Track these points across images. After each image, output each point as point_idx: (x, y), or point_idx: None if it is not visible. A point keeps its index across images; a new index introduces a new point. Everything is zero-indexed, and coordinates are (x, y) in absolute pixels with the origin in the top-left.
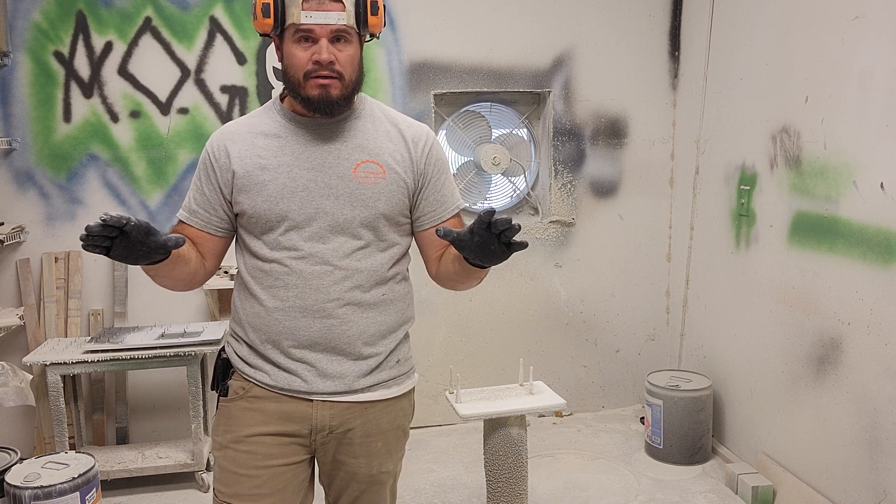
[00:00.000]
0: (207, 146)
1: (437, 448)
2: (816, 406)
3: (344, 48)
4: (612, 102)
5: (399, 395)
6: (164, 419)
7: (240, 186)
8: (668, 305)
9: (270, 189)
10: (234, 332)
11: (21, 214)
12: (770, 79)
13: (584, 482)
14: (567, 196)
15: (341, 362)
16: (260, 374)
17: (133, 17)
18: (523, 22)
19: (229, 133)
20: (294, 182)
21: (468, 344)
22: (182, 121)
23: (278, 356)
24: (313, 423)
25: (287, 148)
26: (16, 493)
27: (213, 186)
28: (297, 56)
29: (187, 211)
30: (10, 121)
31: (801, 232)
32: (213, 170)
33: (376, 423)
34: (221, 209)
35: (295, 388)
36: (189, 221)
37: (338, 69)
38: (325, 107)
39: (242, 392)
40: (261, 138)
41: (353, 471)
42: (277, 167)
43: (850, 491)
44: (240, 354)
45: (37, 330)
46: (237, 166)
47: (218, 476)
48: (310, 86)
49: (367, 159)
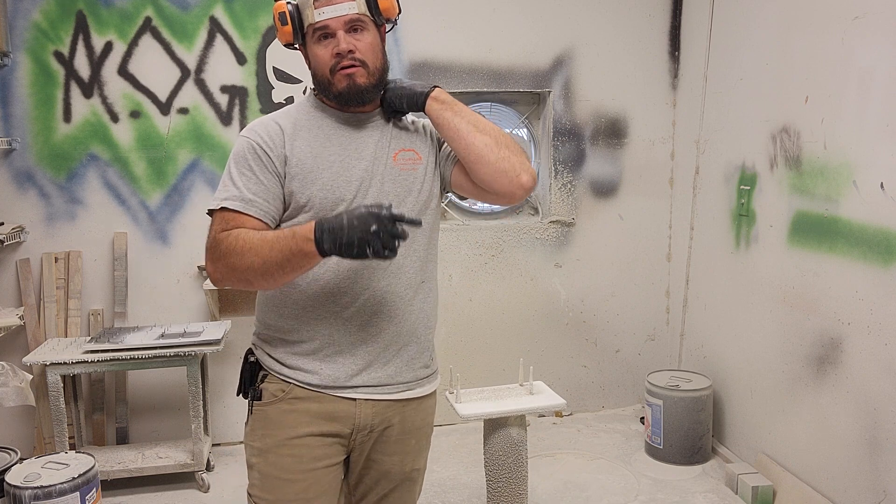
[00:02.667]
0: (250, 135)
1: (437, 448)
2: (816, 406)
3: (361, 37)
4: (612, 102)
5: (431, 393)
6: (164, 419)
7: (293, 174)
8: (668, 305)
9: (326, 177)
10: (265, 334)
11: (21, 214)
12: (770, 79)
13: (584, 482)
14: (567, 196)
15: (389, 358)
16: (301, 375)
17: (133, 17)
18: (523, 22)
19: (273, 123)
20: (348, 172)
21: (468, 344)
22: (182, 121)
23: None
24: (356, 423)
25: (333, 139)
26: (16, 493)
27: (269, 174)
28: (319, 55)
29: (241, 201)
30: (10, 121)
31: (801, 232)
32: (268, 156)
33: (412, 421)
34: (279, 199)
35: (340, 384)
36: (246, 210)
37: (359, 57)
38: (356, 95)
39: (282, 394)
40: (304, 130)
41: (386, 469)
42: (329, 157)
43: (850, 491)
44: (274, 356)
45: (37, 330)
46: (290, 152)
47: (258, 483)
48: (337, 79)
49: (404, 147)
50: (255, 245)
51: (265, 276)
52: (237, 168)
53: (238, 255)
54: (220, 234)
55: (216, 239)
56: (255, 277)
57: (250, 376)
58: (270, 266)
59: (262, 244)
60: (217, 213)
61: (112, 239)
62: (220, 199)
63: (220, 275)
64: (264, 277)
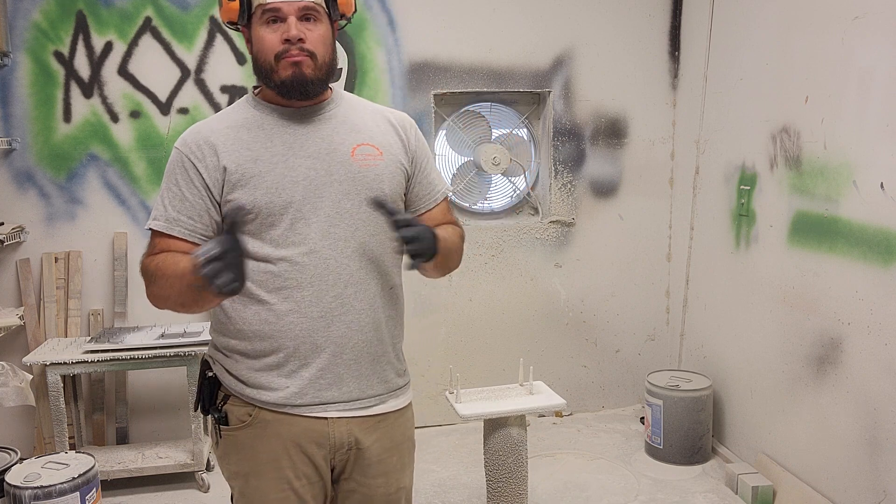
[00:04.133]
0: (182, 147)
1: (437, 448)
2: (816, 406)
3: (314, 27)
4: (612, 102)
5: (406, 405)
6: (164, 419)
7: (234, 182)
8: (668, 305)
9: (269, 180)
10: (223, 347)
11: (21, 214)
12: (770, 79)
13: (584, 482)
14: (567, 196)
15: (358, 371)
16: (265, 394)
17: (133, 17)
18: (523, 22)
19: (207, 130)
20: (294, 171)
21: (468, 344)
22: (182, 121)
23: (287, 370)
24: (332, 442)
25: (276, 138)
26: (16, 493)
27: (195, 189)
28: (266, 39)
29: (164, 220)
30: (10, 121)
31: (801, 232)
32: (196, 170)
33: (391, 437)
34: (207, 214)
35: (307, 401)
36: (170, 231)
37: (308, 47)
38: (300, 86)
39: (249, 419)
40: (244, 132)
41: (370, 493)
42: (271, 158)
43: (850, 491)
44: (234, 372)
45: (37, 330)
46: (227, 161)
47: (240, 501)
48: (282, 67)
49: (363, 142)
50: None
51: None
52: (166, 184)
53: (158, 283)
54: (146, 260)
55: (142, 265)
56: (175, 307)
57: (210, 394)
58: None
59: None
60: (151, 235)
61: (112, 239)
62: (151, 219)
63: (152, 301)
64: (183, 307)
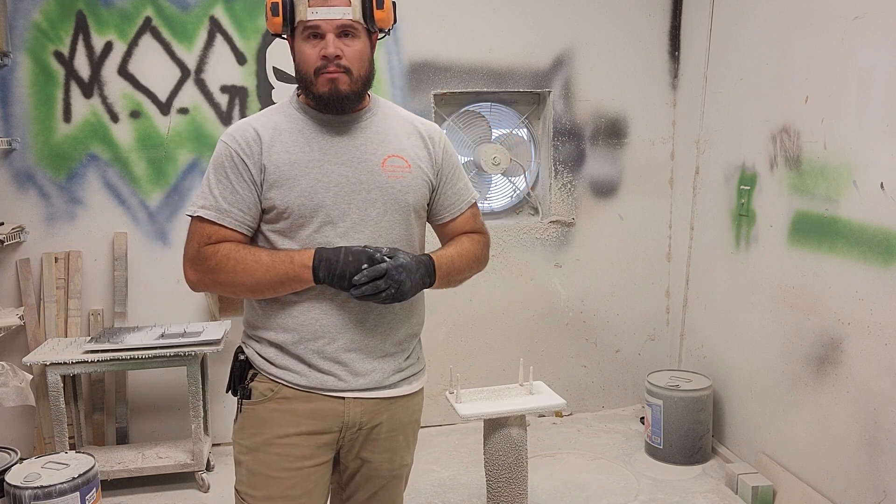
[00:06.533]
0: (229, 141)
1: (437, 448)
2: (816, 406)
3: (351, 43)
4: (612, 102)
5: (418, 390)
6: (164, 419)
7: (271, 181)
8: (668, 305)
9: (303, 184)
10: (254, 334)
11: (21, 214)
12: (770, 79)
13: (584, 482)
14: (567, 196)
15: (374, 359)
16: (290, 375)
17: (133, 17)
18: (523, 22)
19: (253, 128)
20: (327, 177)
21: (468, 344)
22: (182, 121)
23: (313, 356)
24: (345, 420)
25: (314, 143)
26: (16, 493)
27: (245, 183)
28: (306, 53)
29: (215, 210)
30: (10, 121)
31: (801, 232)
32: (245, 165)
33: (399, 418)
34: (255, 207)
35: (328, 386)
36: (221, 221)
37: (344, 63)
38: (335, 102)
39: (271, 394)
40: (285, 134)
41: (376, 467)
42: (308, 162)
43: (850, 491)
44: (264, 355)
45: (37, 330)
46: (268, 160)
47: (246, 479)
48: (320, 82)
49: (392, 154)
50: (249, 265)
51: (254, 293)
52: (215, 175)
53: (228, 273)
54: (206, 249)
55: (202, 253)
56: (242, 292)
57: (240, 374)
58: (262, 286)
59: (256, 265)
60: (195, 221)
61: (112, 239)
62: (197, 206)
63: (202, 286)
64: (252, 293)
